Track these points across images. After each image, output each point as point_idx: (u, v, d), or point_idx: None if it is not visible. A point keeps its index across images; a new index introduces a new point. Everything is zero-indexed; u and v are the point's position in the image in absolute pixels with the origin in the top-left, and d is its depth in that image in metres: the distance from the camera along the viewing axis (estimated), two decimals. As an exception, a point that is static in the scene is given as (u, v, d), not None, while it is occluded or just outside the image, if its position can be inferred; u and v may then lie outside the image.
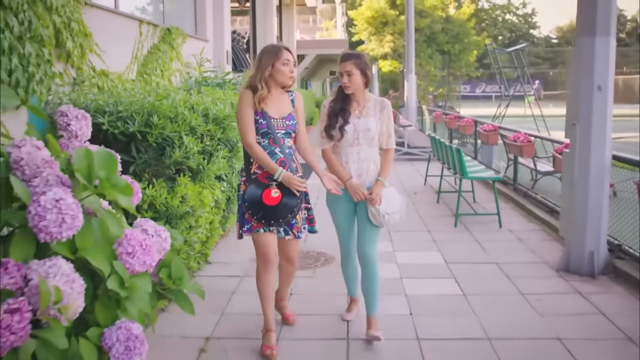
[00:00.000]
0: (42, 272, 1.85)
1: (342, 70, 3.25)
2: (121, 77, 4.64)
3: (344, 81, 3.25)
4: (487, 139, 8.46)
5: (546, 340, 3.40)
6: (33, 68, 2.83)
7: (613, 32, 4.31)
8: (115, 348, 1.97)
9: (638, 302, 3.95)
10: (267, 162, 3.07)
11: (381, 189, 3.28)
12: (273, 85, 3.15)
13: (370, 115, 3.31)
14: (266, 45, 3.35)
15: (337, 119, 3.28)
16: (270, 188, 3.07)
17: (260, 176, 3.13)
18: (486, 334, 3.47)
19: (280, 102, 3.20)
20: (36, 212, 1.86)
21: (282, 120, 3.16)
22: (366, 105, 3.33)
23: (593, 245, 4.47)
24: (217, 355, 3.22)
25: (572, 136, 4.54)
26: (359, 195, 3.26)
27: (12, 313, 1.70)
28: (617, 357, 3.19)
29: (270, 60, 3.11)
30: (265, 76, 3.10)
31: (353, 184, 3.27)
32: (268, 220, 3.11)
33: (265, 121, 3.11)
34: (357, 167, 3.31)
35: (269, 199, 3.06)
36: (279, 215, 3.08)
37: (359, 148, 3.30)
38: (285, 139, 3.17)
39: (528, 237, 5.70)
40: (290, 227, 3.20)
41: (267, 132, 3.11)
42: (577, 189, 4.50)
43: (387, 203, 3.28)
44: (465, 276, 4.52)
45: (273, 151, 3.12)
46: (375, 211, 3.27)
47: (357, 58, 3.26)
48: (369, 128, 3.28)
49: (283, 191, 3.08)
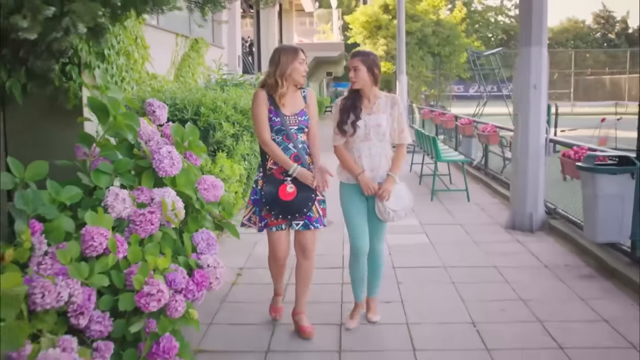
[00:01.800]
0: (161, 194, 3.15)
1: (350, 65, 3.40)
2: (165, 79, 5.93)
3: (351, 75, 3.39)
4: (464, 130, 9.79)
5: (485, 267, 4.73)
6: (124, 73, 4.11)
7: (544, 43, 5.63)
8: (200, 244, 3.27)
9: (559, 247, 5.28)
10: (282, 158, 3.21)
11: (392, 185, 3.36)
12: (290, 83, 3.28)
13: (381, 111, 3.40)
14: (282, 45, 3.51)
15: (348, 115, 3.37)
16: (285, 184, 3.19)
17: (275, 172, 3.27)
18: (443, 263, 4.80)
19: (293, 99, 3.33)
20: (158, 158, 3.16)
21: (294, 117, 3.29)
22: (377, 102, 3.42)
23: (532, 208, 5.79)
24: (249, 277, 4.51)
25: (515, 124, 5.87)
26: (370, 189, 3.35)
27: (151, 213, 2.99)
28: (533, 277, 4.50)
29: (290, 59, 3.24)
30: (287, 74, 3.23)
31: (365, 178, 3.35)
32: (285, 215, 3.23)
33: (279, 118, 3.25)
34: (369, 162, 3.38)
35: (285, 194, 3.18)
36: (295, 210, 3.21)
37: (370, 143, 3.38)
38: (298, 135, 3.30)
39: (489, 208, 7.03)
40: (308, 219, 3.30)
41: (280, 128, 3.25)
42: (519, 164, 5.83)
43: (395, 200, 3.36)
44: (434, 232, 5.83)
45: (287, 147, 3.25)
46: (382, 206, 3.35)
47: (365, 55, 3.40)
48: (380, 124, 3.36)
49: (298, 186, 3.20)
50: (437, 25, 26.97)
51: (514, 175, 6.02)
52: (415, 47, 25.97)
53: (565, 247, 5.24)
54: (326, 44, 24.99)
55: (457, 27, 28.34)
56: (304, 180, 3.19)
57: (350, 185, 3.46)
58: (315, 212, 3.31)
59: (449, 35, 27.34)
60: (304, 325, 3.40)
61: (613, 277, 4.38)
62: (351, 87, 3.42)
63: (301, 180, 3.19)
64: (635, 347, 3.24)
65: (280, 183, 3.20)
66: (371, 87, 3.39)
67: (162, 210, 3.06)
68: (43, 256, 2.47)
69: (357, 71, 3.35)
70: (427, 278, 4.50)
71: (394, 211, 3.34)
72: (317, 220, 3.32)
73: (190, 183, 3.39)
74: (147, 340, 2.71)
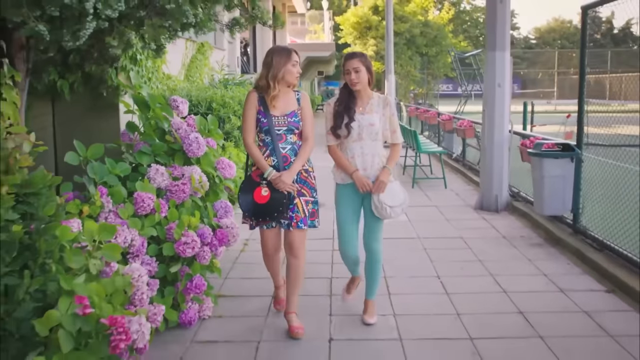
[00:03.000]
0: (190, 170, 3.99)
1: (350, 67, 3.36)
2: (177, 79, 6.75)
3: (352, 78, 3.36)
4: (445, 126, 10.68)
5: (453, 238, 5.61)
6: (150, 75, 4.94)
7: (507, 48, 6.51)
8: (219, 210, 4.12)
9: (519, 223, 6.17)
10: (259, 161, 3.32)
11: (387, 177, 3.40)
12: (282, 85, 3.33)
13: (374, 111, 3.43)
14: (275, 46, 3.54)
15: (342, 118, 3.39)
16: (260, 187, 3.27)
17: (253, 174, 3.36)
18: (417, 235, 5.68)
19: (284, 99, 3.36)
20: (188, 142, 3.99)
21: (284, 118, 3.32)
22: (370, 102, 3.45)
23: (497, 190, 6.68)
24: (254, 246, 5.34)
25: (483, 118, 6.76)
26: (365, 186, 3.40)
27: (184, 184, 3.83)
28: (492, 245, 5.37)
29: (282, 62, 3.28)
30: (279, 77, 3.28)
31: (359, 175, 3.40)
32: (257, 218, 3.32)
33: (267, 119, 3.29)
34: (362, 161, 3.42)
35: (260, 197, 3.25)
36: (267, 213, 3.27)
37: (363, 143, 3.41)
38: (287, 135, 3.33)
39: (463, 193, 7.92)
40: (290, 219, 3.35)
41: (269, 129, 3.31)
42: (486, 152, 6.72)
43: (390, 196, 3.39)
44: (412, 212, 6.68)
45: (275, 147, 3.30)
46: (378, 203, 3.38)
47: (362, 56, 3.42)
48: (373, 123, 3.39)
49: (272, 189, 3.26)
50: (425, 26, 27.88)
51: (482, 163, 6.91)
52: (404, 47, 26.88)
53: (523, 223, 6.14)
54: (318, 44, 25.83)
55: (444, 28, 29.29)
56: (275, 186, 3.24)
57: (346, 187, 3.50)
58: (302, 212, 3.33)
59: (437, 36, 28.26)
60: (294, 325, 3.44)
61: (558, 244, 5.27)
62: (348, 92, 3.44)
63: (274, 185, 3.24)
64: (564, 292, 4.13)
65: (256, 186, 3.28)
66: (366, 88, 3.43)
67: (191, 183, 3.90)
68: (108, 212, 3.32)
69: (359, 72, 3.35)
70: (404, 246, 5.36)
71: (391, 207, 3.37)
72: (302, 221, 3.34)
73: (211, 163, 4.23)
74: (182, 279, 3.56)
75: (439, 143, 11.90)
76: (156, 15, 2.76)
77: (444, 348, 3.29)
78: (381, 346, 3.33)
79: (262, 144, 3.38)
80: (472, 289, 4.21)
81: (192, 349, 3.31)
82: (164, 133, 4.16)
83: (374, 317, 3.63)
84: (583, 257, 4.76)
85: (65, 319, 2.14)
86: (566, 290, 4.15)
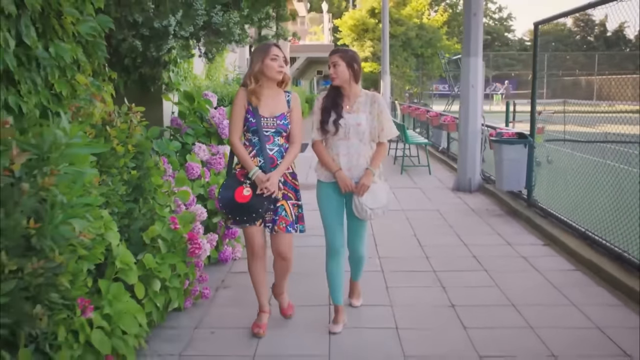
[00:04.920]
0: (223, 148, 5.19)
1: (330, 62, 3.29)
2: (201, 78, 7.95)
3: (330, 72, 3.28)
4: (432, 122, 11.89)
5: (431, 210, 6.84)
6: (185, 74, 6.14)
7: (480, 54, 7.72)
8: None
9: (487, 200, 7.39)
10: (245, 161, 3.19)
11: (369, 180, 3.29)
12: (265, 81, 3.22)
13: (361, 110, 3.32)
14: (257, 45, 3.59)
15: (329, 114, 3.30)
16: (243, 186, 3.16)
17: (238, 173, 3.25)
18: (402, 208, 6.90)
19: (274, 100, 3.26)
20: (221, 127, 5.19)
21: (272, 119, 3.22)
22: (357, 101, 3.34)
23: (471, 174, 7.90)
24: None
25: (460, 113, 7.99)
26: (347, 187, 3.30)
27: (220, 158, 5.03)
28: (462, 215, 6.60)
29: (259, 57, 3.20)
30: (255, 72, 3.19)
31: (342, 175, 3.29)
32: (234, 217, 3.20)
33: (255, 119, 3.18)
34: (346, 161, 3.32)
35: (241, 196, 3.15)
36: (244, 213, 3.17)
37: (349, 142, 3.31)
38: (275, 137, 3.23)
39: (445, 179, 9.16)
40: (273, 222, 3.26)
41: (257, 130, 3.20)
42: (462, 142, 7.95)
43: (372, 198, 3.30)
44: (399, 193, 7.91)
45: (262, 148, 3.20)
46: (358, 204, 3.30)
47: (344, 52, 3.31)
48: (360, 123, 3.28)
49: (255, 189, 3.16)
50: (420, 29, 29.12)
51: (459, 150, 8.15)
52: (400, 49, 28.11)
53: (490, 200, 7.37)
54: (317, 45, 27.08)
55: (439, 30, 30.53)
56: (258, 185, 3.15)
57: (328, 184, 3.40)
58: (290, 216, 3.28)
59: (431, 38, 29.50)
60: (284, 307, 3.60)
61: (515, 215, 6.50)
62: (335, 88, 3.35)
63: (258, 185, 3.15)
64: (510, 245, 5.35)
65: (238, 185, 3.18)
66: (351, 85, 3.31)
67: (224, 157, 5.09)
68: (168, 177, 4.53)
69: (337, 67, 3.26)
70: (389, 216, 6.55)
71: (371, 209, 3.31)
72: (291, 224, 3.27)
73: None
74: (221, 227, 4.76)
75: (428, 138, 13.12)
76: (213, 34, 3.97)
77: (413, 275, 4.51)
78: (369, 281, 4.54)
79: (249, 144, 3.28)
80: (440, 243, 5.42)
81: (229, 276, 4.52)
82: (202, 120, 5.37)
83: (360, 299, 3.80)
84: (531, 222, 5.99)
85: (163, 232, 3.36)
86: (512, 244, 5.38)
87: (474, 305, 3.91)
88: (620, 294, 4.06)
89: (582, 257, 4.73)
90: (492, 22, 63.48)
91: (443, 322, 3.63)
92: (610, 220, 5.00)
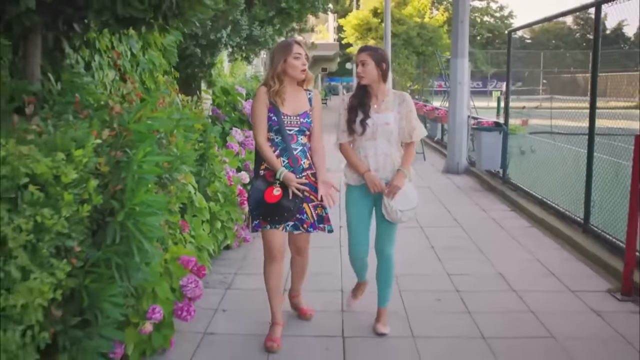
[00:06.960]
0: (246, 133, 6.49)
1: (358, 60, 3.22)
2: (226, 75, 9.25)
3: (359, 70, 3.22)
4: (428, 115, 13.17)
5: (423, 187, 8.09)
6: (219, 72, 7.46)
7: (466, 55, 8.99)
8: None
9: (471, 180, 8.68)
10: (271, 161, 3.11)
11: (402, 181, 3.20)
12: (288, 80, 3.15)
13: (389, 109, 3.24)
14: (277, 43, 3.51)
15: (356, 113, 3.23)
16: (273, 186, 3.09)
17: (267, 174, 3.17)
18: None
19: (296, 99, 3.20)
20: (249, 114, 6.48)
21: (295, 118, 3.16)
22: (385, 100, 3.26)
23: (458, 158, 9.19)
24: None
25: (449, 107, 9.27)
26: (376, 187, 3.19)
27: (252, 140, 6.33)
28: (450, 192, 7.87)
29: (282, 56, 3.12)
30: (278, 71, 3.12)
31: (371, 176, 3.20)
32: (265, 217, 3.13)
33: (277, 118, 3.11)
34: (374, 162, 3.24)
35: (270, 196, 3.07)
36: (276, 213, 3.10)
37: (376, 143, 3.23)
38: (298, 136, 3.18)
39: (437, 164, 10.44)
40: (300, 222, 3.22)
41: (279, 129, 3.12)
42: (450, 130, 9.23)
43: (402, 200, 3.20)
44: (397, 174, 9.18)
45: (286, 147, 3.13)
46: (388, 206, 3.19)
47: (373, 50, 3.24)
48: (388, 122, 3.21)
49: (285, 190, 3.10)
50: (421, 28, 30.32)
51: (448, 138, 9.44)
52: (402, 47, 29.32)
53: (474, 180, 8.65)
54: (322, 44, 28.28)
55: (440, 29, 31.72)
56: (287, 183, 3.07)
57: (357, 188, 3.32)
58: (310, 217, 3.22)
59: (432, 37, 30.69)
60: (304, 308, 3.60)
61: (492, 190, 7.78)
62: (359, 83, 3.28)
63: (285, 183, 3.08)
64: (485, 211, 6.64)
65: (268, 185, 3.10)
66: (379, 84, 3.24)
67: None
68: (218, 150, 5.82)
69: (365, 65, 3.19)
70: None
71: (402, 211, 3.19)
72: (312, 225, 3.23)
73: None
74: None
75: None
76: (253, 43, 5.26)
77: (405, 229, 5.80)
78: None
79: (271, 144, 3.17)
80: (429, 212, 6.68)
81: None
82: (234, 109, 6.65)
83: (387, 326, 3.40)
84: (504, 195, 7.28)
85: (221, 187, 4.66)
86: (486, 210, 6.68)
87: (449, 247, 5.21)
88: (563, 242, 5.35)
89: (537, 217, 6.03)
90: (494, 20, 64.52)
91: (427, 259, 4.94)
92: (560, 190, 6.30)
